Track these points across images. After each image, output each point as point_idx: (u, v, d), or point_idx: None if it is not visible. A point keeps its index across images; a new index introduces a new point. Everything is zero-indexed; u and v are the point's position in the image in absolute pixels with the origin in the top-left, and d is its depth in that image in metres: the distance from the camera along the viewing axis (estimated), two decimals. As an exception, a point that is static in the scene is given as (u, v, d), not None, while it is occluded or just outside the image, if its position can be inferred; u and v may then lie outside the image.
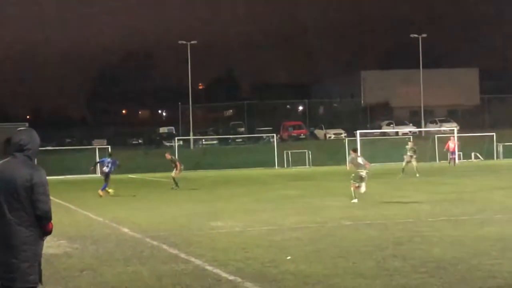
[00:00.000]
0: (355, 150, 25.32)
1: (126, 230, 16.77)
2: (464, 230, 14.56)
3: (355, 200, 22.70)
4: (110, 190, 30.54)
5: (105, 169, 31.37)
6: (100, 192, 30.28)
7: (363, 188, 23.26)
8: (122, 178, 52.23)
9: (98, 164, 33.61)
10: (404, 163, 38.99)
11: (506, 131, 71.91)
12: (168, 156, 36.85)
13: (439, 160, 64.24)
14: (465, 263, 10.74)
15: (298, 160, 61.96)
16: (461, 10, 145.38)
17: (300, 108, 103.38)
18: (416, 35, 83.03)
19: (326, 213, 19.05)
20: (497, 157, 67.01)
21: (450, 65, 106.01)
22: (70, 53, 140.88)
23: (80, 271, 11.32)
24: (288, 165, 63.12)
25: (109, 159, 31.85)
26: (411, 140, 42.37)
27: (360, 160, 23.93)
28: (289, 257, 11.78)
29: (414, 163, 38.45)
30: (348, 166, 24.99)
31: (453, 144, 54.10)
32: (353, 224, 16.34)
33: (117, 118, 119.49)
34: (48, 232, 6.96)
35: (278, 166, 64.15)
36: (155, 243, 14.24)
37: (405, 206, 20.26)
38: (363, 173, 23.20)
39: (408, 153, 38.95)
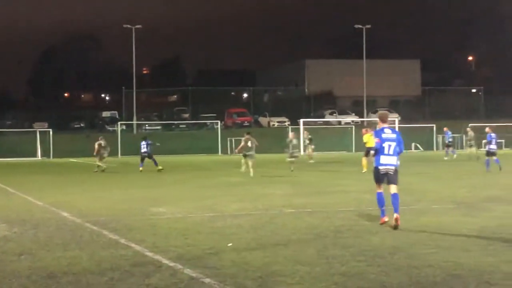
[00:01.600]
0: (249, 133, 32.56)
1: (66, 214, 16.61)
2: (402, 219, 14.74)
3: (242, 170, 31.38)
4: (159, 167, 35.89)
5: (143, 149, 36.62)
6: (158, 167, 35.72)
7: (250, 163, 30.91)
8: (62, 162, 51.67)
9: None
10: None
11: (446, 123, 73.12)
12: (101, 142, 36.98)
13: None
14: (403, 252, 10.91)
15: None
16: (405, 2, 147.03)
17: (245, 95, 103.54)
18: (360, 26, 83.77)
19: (268, 201, 19.14)
20: (437, 148, 68.23)
21: (393, 56, 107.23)
22: (12, 34, 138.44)
23: (19, 255, 11.18)
24: (231, 152, 63.22)
25: (144, 142, 37.10)
26: (291, 131, 46.27)
27: (249, 143, 31.21)
28: (230, 244, 11.82)
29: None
30: (241, 145, 31.95)
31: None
32: (294, 212, 16.46)
33: (59, 101, 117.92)
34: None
35: (221, 152, 64.28)
36: (95, 228, 14.14)
37: (346, 195, 20.46)
38: (249, 153, 31.42)
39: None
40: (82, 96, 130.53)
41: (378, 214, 15.76)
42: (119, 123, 72.61)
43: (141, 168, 35.70)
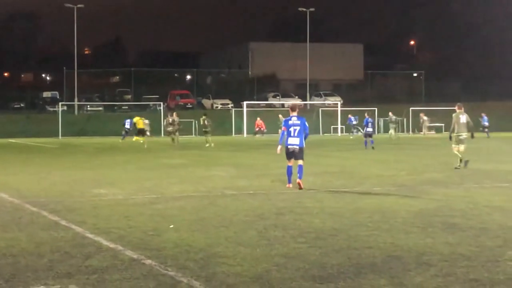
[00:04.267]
0: (205, 114, 45.92)
1: (4, 195, 16.35)
2: (343, 202, 14.94)
3: None
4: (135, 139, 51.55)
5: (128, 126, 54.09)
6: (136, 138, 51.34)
7: (209, 138, 42.92)
8: (2, 143, 50.77)
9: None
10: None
11: (388, 106, 73.95)
12: None
13: (323, 133, 65.52)
14: (344, 233, 11.02)
15: (184, 129, 61.92)
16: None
17: (188, 77, 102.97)
18: (304, 9, 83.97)
19: (210, 183, 19.14)
20: (378, 132, 68.99)
21: (336, 40, 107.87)
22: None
23: (-45, 237, 10.96)
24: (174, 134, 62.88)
25: (129, 120, 54.34)
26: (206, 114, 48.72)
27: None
28: (171, 226, 11.78)
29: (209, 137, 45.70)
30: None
31: (260, 122, 63.10)
32: (236, 194, 16.48)
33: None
34: None
35: (164, 134, 63.89)
36: (34, 209, 13.94)
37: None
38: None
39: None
40: (22, 76, 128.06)
41: (319, 196, 15.99)
42: (60, 103, 71.67)
43: (134, 139, 50.80)
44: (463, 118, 23.80)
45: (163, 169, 24.38)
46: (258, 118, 64.27)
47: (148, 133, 55.16)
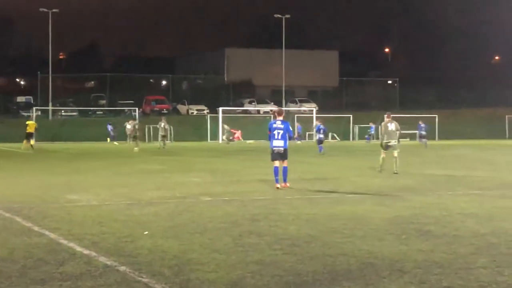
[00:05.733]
0: (134, 119, 45.23)
1: (-23, 201, 16.19)
2: (318, 208, 14.96)
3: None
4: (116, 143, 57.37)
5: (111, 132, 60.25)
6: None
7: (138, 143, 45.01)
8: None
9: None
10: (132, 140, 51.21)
11: (362, 113, 74.40)
12: None
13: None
14: (319, 240, 11.03)
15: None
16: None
17: (164, 82, 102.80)
18: (280, 16, 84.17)
19: (186, 189, 19.09)
20: (353, 138, 69.34)
21: (312, 47, 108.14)
22: None
23: None
24: (149, 140, 62.79)
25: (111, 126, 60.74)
26: (135, 119, 52.44)
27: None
28: (146, 232, 11.73)
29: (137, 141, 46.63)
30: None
31: (235, 131, 64.86)
32: (211, 200, 16.45)
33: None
34: None
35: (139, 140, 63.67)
36: (7, 215, 13.82)
37: (263, 184, 20.56)
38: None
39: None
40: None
41: (294, 203, 16.02)
42: (34, 108, 71.21)
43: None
44: (392, 126, 25.51)
45: (138, 175, 24.29)
46: (235, 129, 64.68)
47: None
